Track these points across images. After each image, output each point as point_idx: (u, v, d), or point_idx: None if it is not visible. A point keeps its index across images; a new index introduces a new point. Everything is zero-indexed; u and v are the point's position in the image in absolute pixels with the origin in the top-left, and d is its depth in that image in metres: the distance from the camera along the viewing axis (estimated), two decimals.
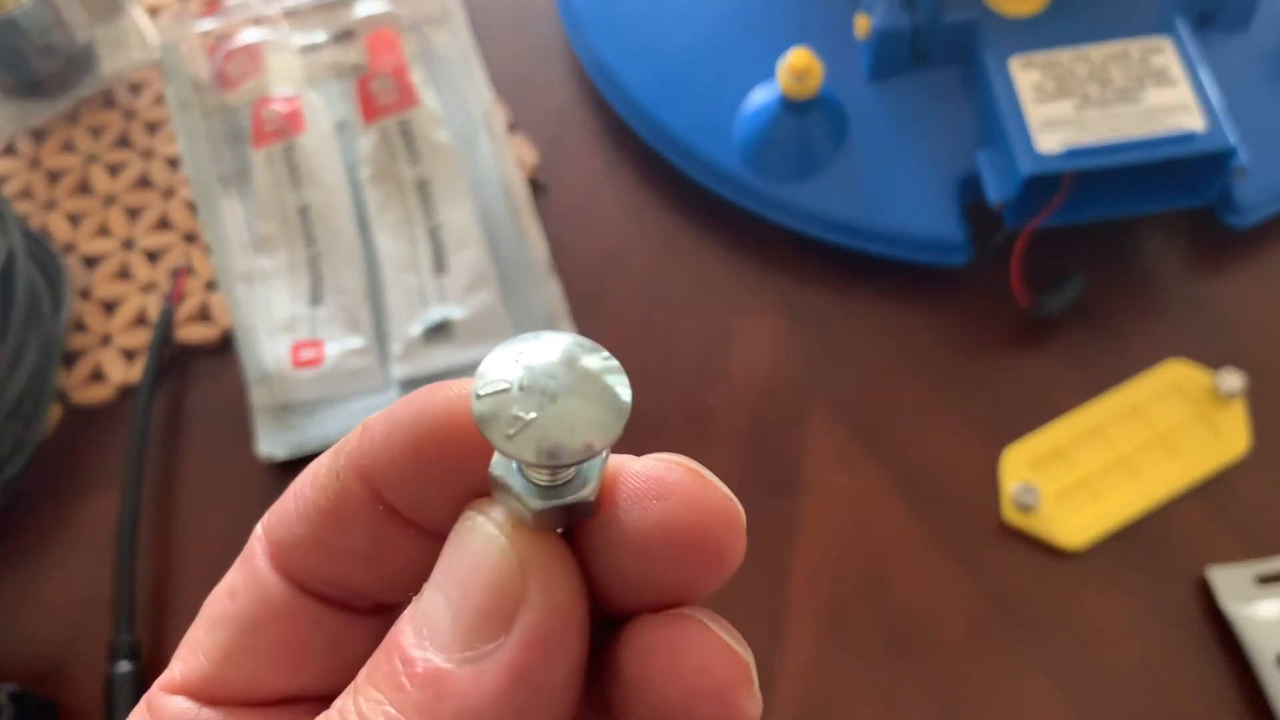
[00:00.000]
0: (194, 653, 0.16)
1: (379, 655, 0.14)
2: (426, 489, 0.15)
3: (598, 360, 0.14)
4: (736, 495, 0.15)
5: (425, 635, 0.14)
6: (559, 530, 0.15)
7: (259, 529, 0.17)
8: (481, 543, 0.14)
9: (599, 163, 0.47)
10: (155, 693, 0.16)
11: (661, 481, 0.15)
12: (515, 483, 0.15)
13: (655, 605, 0.15)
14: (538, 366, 0.14)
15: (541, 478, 0.14)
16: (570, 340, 0.14)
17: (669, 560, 0.14)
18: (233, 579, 0.17)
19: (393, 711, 0.13)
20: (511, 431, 0.14)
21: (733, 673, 0.14)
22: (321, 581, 0.16)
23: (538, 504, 0.14)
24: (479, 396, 0.14)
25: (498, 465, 0.15)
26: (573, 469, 0.15)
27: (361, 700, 0.14)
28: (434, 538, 0.15)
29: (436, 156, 0.44)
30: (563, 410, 0.14)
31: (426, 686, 0.13)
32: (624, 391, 0.14)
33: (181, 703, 0.16)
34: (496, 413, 0.14)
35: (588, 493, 0.15)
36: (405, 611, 0.14)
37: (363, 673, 0.14)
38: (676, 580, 0.15)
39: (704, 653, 0.14)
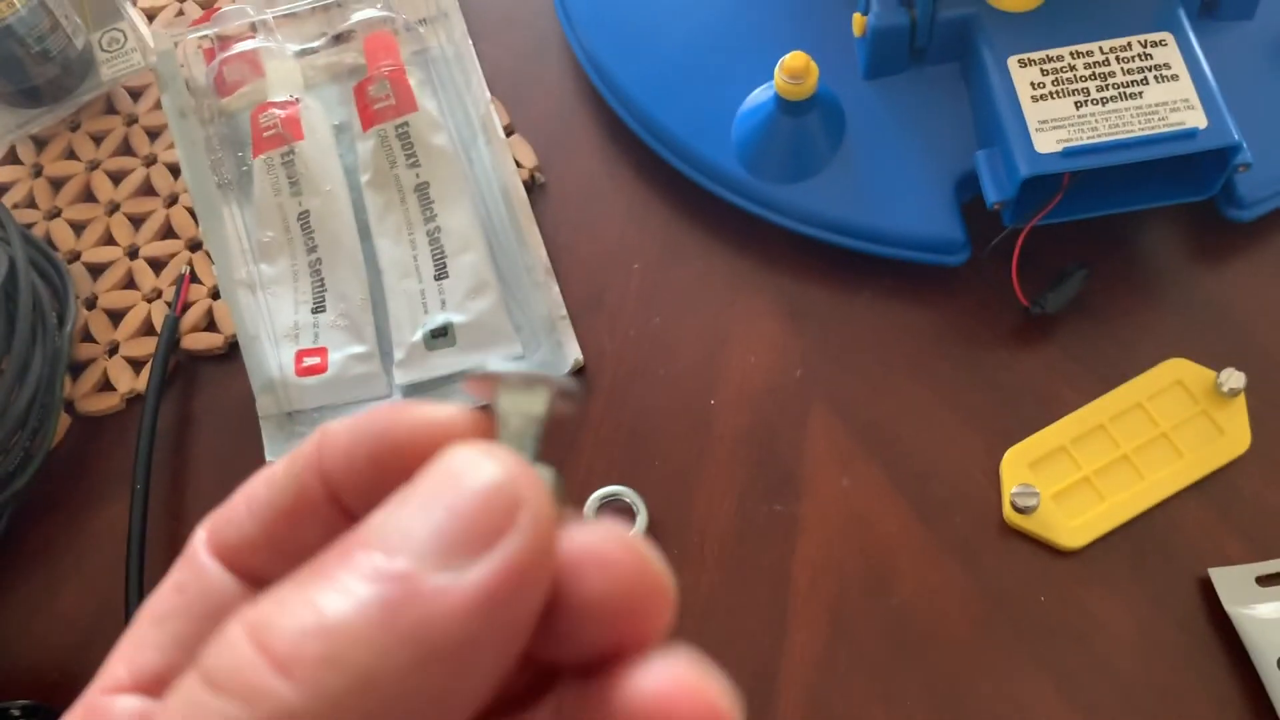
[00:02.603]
0: (141, 649, 0.16)
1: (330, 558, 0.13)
2: (384, 494, 0.15)
3: None
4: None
5: (395, 545, 0.13)
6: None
7: (201, 532, 0.16)
8: (469, 462, 0.13)
9: (598, 163, 0.47)
10: (95, 697, 0.15)
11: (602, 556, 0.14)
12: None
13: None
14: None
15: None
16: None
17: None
18: (177, 577, 0.16)
19: (346, 606, 0.12)
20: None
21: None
22: (272, 577, 0.15)
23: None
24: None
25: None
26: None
27: (315, 590, 0.13)
28: None
29: (435, 160, 0.44)
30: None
31: (393, 582, 0.12)
32: None
33: (132, 701, 0.15)
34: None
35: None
36: (354, 535, 0.13)
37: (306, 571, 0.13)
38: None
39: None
